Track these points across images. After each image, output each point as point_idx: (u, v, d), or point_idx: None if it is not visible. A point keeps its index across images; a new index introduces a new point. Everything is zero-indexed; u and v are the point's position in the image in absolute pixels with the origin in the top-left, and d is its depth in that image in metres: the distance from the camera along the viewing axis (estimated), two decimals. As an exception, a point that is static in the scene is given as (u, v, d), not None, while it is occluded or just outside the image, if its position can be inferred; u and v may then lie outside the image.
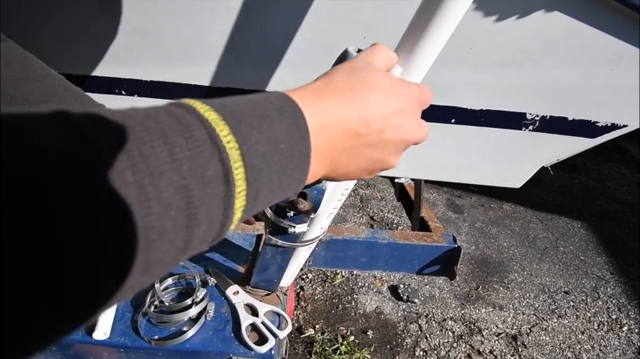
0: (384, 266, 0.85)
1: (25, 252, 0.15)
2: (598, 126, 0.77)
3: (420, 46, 0.38)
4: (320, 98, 0.28)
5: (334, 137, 0.29)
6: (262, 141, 0.24)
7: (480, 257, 1.96)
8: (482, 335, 1.54)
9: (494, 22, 0.64)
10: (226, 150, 0.22)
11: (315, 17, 0.65)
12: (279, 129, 0.25)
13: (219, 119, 0.22)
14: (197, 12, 0.64)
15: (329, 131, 0.28)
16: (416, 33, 0.38)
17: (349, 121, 0.29)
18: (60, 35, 0.56)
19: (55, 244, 0.16)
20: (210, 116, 0.22)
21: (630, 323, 1.68)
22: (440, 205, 2.35)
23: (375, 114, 0.30)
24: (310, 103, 0.27)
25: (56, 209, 0.16)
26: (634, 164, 3.04)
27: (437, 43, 0.38)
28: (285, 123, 0.26)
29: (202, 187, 0.21)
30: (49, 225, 0.15)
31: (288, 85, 0.30)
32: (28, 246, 0.15)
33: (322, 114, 0.28)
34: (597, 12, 0.63)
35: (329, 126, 0.28)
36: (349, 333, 1.48)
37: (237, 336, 0.67)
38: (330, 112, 0.28)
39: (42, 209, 0.15)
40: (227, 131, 0.22)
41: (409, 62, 0.39)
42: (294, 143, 0.26)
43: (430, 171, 0.89)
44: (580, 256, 2.03)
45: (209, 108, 0.23)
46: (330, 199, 0.52)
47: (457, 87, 0.73)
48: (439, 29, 0.37)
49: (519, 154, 0.83)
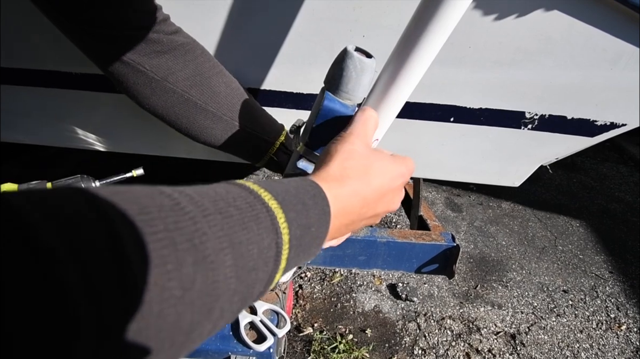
0: (382, 265, 0.85)
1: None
2: (597, 125, 0.77)
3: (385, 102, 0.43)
4: (339, 186, 0.35)
5: (346, 218, 0.36)
6: (301, 226, 0.30)
7: (479, 256, 1.96)
8: (480, 334, 1.55)
9: (493, 21, 0.64)
10: (282, 236, 0.28)
11: (314, 16, 0.65)
12: (313, 214, 0.31)
13: (278, 208, 0.28)
14: (197, 12, 0.64)
15: (343, 214, 0.35)
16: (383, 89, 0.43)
17: (357, 205, 0.36)
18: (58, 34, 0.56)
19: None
20: (272, 204, 0.28)
21: (629, 321, 1.68)
22: (439, 204, 2.35)
23: (376, 197, 0.38)
24: (333, 191, 0.34)
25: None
26: (632, 163, 3.05)
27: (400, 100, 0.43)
28: (317, 209, 0.32)
29: (263, 265, 0.26)
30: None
31: (288, 85, 0.31)
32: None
33: (341, 200, 0.35)
34: (597, 11, 0.63)
35: (343, 210, 0.35)
36: (348, 332, 1.48)
37: (236, 334, 0.67)
38: (345, 199, 0.35)
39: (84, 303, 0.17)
40: (283, 219, 0.28)
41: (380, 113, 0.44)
42: (320, 226, 0.32)
43: (429, 169, 0.89)
44: (579, 255, 2.03)
45: (271, 197, 0.28)
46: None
47: (456, 85, 0.73)
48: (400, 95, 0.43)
49: (517, 153, 0.84)
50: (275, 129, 0.68)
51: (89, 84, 0.74)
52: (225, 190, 0.27)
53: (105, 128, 0.82)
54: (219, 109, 0.63)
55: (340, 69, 0.40)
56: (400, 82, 0.41)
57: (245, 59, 0.70)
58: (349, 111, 0.42)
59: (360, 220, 0.38)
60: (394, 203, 0.42)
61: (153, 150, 0.84)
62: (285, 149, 0.69)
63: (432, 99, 0.74)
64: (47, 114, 0.80)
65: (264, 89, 0.73)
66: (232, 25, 0.66)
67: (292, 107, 0.76)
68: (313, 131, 0.43)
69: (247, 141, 0.67)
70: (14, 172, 1.93)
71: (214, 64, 0.63)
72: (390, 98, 0.42)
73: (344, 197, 0.35)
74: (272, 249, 0.27)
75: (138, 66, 0.56)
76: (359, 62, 0.40)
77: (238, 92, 0.65)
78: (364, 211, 0.37)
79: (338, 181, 0.35)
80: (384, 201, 0.39)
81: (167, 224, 0.21)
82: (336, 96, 0.42)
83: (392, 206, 0.42)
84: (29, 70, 0.73)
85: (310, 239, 0.31)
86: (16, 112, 0.79)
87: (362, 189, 0.37)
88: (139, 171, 0.71)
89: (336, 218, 0.34)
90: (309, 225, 0.30)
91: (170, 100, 0.60)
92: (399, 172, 0.40)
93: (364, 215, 0.38)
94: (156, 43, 0.56)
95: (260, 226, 0.26)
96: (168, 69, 0.58)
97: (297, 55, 0.69)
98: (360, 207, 0.37)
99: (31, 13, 0.63)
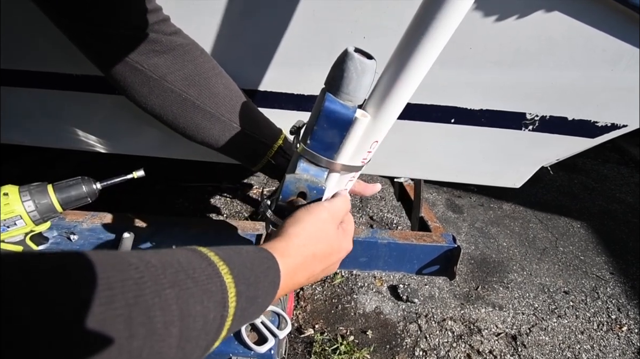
0: (383, 266, 0.85)
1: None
2: (598, 126, 0.77)
3: (387, 103, 0.43)
4: (294, 258, 0.41)
5: (291, 286, 0.41)
6: (249, 298, 0.33)
7: (479, 257, 1.96)
8: (481, 335, 1.54)
9: (494, 22, 0.64)
10: (228, 309, 0.31)
11: (314, 16, 0.65)
12: (262, 286, 0.35)
13: (232, 282, 0.31)
14: (196, 12, 0.64)
15: (290, 285, 0.40)
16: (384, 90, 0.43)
17: (304, 277, 0.43)
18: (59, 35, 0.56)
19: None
20: (227, 279, 0.31)
21: (629, 323, 1.67)
22: (440, 205, 2.35)
23: (323, 267, 0.46)
24: (288, 265, 0.39)
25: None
26: (633, 164, 3.04)
27: (399, 104, 0.44)
28: (267, 281, 0.36)
29: (204, 335, 0.29)
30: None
31: (288, 85, 0.31)
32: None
33: (292, 271, 0.40)
34: (597, 12, 0.63)
35: (291, 281, 0.40)
36: (349, 333, 1.48)
37: (237, 335, 0.67)
38: (296, 270, 0.41)
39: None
40: (233, 293, 0.31)
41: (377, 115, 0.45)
42: (266, 296, 0.36)
43: (429, 170, 0.89)
44: (579, 256, 2.03)
45: (228, 271, 0.31)
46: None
47: (457, 87, 0.73)
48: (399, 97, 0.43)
49: (518, 154, 0.83)
50: (273, 133, 0.68)
51: (89, 86, 0.74)
52: (188, 260, 0.30)
53: (105, 130, 0.82)
54: (217, 109, 0.62)
55: (340, 70, 0.40)
56: (402, 83, 0.41)
57: (246, 59, 0.70)
58: (349, 112, 0.42)
59: (300, 285, 0.44)
60: (331, 271, 0.50)
61: (154, 151, 0.84)
62: (283, 152, 0.68)
63: (432, 100, 0.74)
64: (48, 116, 0.80)
65: (265, 90, 0.73)
66: (232, 26, 0.66)
67: (293, 109, 0.75)
68: (314, 132, 0.43)
69: (245, 143, 0.66)
70: (14, 173, 1.93)
71: (213, 65, 0.63)
72: (391, 99, 0.42)
73: (296, 268, 0.41)
74: (216, 321, 0.30)
75: (136, 65, 0.56)
76: (359, 64, 0.40)
77: (237, 94, 0.65)
78: (309, 280, 0.45)
79: (294, 256, 0.41)
80: (326, 270, 0.47)
81: (128, 299, 0.23)
82: (337, 97, 0.42)
83: (329, 272, 0.49)
84: (29, 72, 0.73)
85: (255, 309, 0.34)
86: (16, 113, 0.79)
87: (314, 266, 0.43)
88: (140, 173, 0.71)
89: (282, 290, 0.39)
90: (257, 296, 0.34)
91: (168, 99, 0.60)
92: (345, 247, 0.50)
93: (305, 283, 0.44)
94: (155, 43, 0.56)
95: (211, 299, 0.29)
96: (167, 69, 0.58)
97: (298, 57, 0.69)
98: (306, 278, 0.43)
99: (32, 14, 0.63)
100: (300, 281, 0.43)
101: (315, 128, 0.43)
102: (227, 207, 2.07)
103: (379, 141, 0.47)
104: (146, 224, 0.80)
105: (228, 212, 2.04)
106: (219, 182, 2.19)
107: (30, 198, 0.62)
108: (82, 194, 0.67)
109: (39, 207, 0.63)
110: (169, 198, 2.06)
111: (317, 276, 0.46)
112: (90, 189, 0.67)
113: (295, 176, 0.46)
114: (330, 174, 0.47)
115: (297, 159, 0.47)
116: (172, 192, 2.09)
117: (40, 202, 0.63)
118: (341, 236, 0.49)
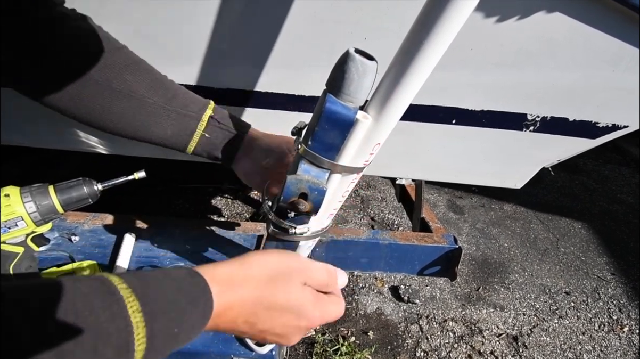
0: (384, 267, 0.85)
1: None
2: (599, 127, 0.77)
3: (389, 104, 0.43)
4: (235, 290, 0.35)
5: (225, 326, 0.36)
6: (168, 336, 0.29)
7: (481, 258, 1.96)
8: (483, 336, 1.54)
9: (495, 23, 0.64)
10: (134, 354, 0.27)
11: (315, 17, 0.65)
12: (188, 319, 0.31)
13: (141, 321, 0.27)
14: (196, 13, 0.65)
15: (224, 323, 0.35)
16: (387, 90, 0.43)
17: (242, 323, 0.36)
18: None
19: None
20: (135, 318, 0.27)
21: (631, 323, 1.67)
22: (441, 206, 2.35)
23: (272, 325, 0.38)
24: (226, 294, 0.34)
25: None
26: (634, 164, 3.04)
27: (404, 102, 0.44)
28: (197, 313, 0.32)
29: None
30: None
31: (287, 85, 0.30)
32: None
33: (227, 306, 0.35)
34: (598, 13, 0.63)
35: (227, 319, 0.35)
36: (350, 334, 1.48)
37: (238, 336, 0.67)
38: (234, 309, 0.35)
39: None
40: (142, 335, 0.27)
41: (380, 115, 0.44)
42: (192, 329, 0.32)
43: (430, 171, 0.89)
44: (581, 257, 2.03)
45: (138, 308, 0.27)
46: (331, 199, 0.52)
47: (458, 88, 0.73)
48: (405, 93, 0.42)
49: (519, 155, 0.83)
50: (198, 103, 0.59)
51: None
52: (86, 300, 0.26)
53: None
54: (124, 85, 0.53)
55: (342, 71, 0.40)
56: (404, 86, 0.41)
57: (246, 60, 0.70)
58: (351, 114, 0.42)
59: (241, 330, 0.37)
60: (284, 339, 0.40)
61: (154, 152, 0.84)
62: (217, 122, 0.59)
63: (433, 101, 0.74)
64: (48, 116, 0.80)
65: (265, 91, 0.73)
66: (232, 27, 0.66)
67: (294, 110, 0.76)
68: (315, 133, 0.43)
69: (168, 119, 0.57)
70: (14, 173, 1.93)
71: (110, 39, 0.55)
72: (393, 102, 0.42)
73: (233, 304, 0.35)
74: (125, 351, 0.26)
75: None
76: (361, 65, 0.40)
77: (144, 67, 0.57)
78: (252, 331, 0.38)
79: (237, 288, 0.35)
80: (276, 333, 0.39)
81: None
82: (338, 98, 0.42)
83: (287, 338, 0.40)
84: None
85: (176, 344, 0.31)
86: (16, 114, 0.79)
87: (259, 314, 0.37)
88: (141, 174, 0.71)
89: (214, 326, 0.35)
90: (177, 333, 0.30)
91: (64, 83, 0.52)
92: (310, 319, 0.40)
93: (248, 332, 0.37)
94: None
95: (107, 344, 0.25)
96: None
97: (299, 58, 0.69)
98: (249, 326, 0.37)
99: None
100: (239, 325, 0.36)
101: (317, 129, 0.43)
102: (228, 208, 2.07)
103: (381, 143, 0.47)
104: (147, 225, 0.80)
105: (229, 213, 2.04)
106: (220, 183, 2.19)
107: (31, 199, 0.62)
108: (83, 195, 0.67)
109: (40, 208, 0.63)
110: (170, 199, 2.06)
111: (262, 331, 0.38)
112: (91, 190, 0.67)
113: (296, 177, 0.46)
114: (331, 175, 0.47)
115: (298, 160, 0.47)
116: (173, 193, 2.09)
117: (42, 203, 0.63)
118: (310, 300, 0.40)
